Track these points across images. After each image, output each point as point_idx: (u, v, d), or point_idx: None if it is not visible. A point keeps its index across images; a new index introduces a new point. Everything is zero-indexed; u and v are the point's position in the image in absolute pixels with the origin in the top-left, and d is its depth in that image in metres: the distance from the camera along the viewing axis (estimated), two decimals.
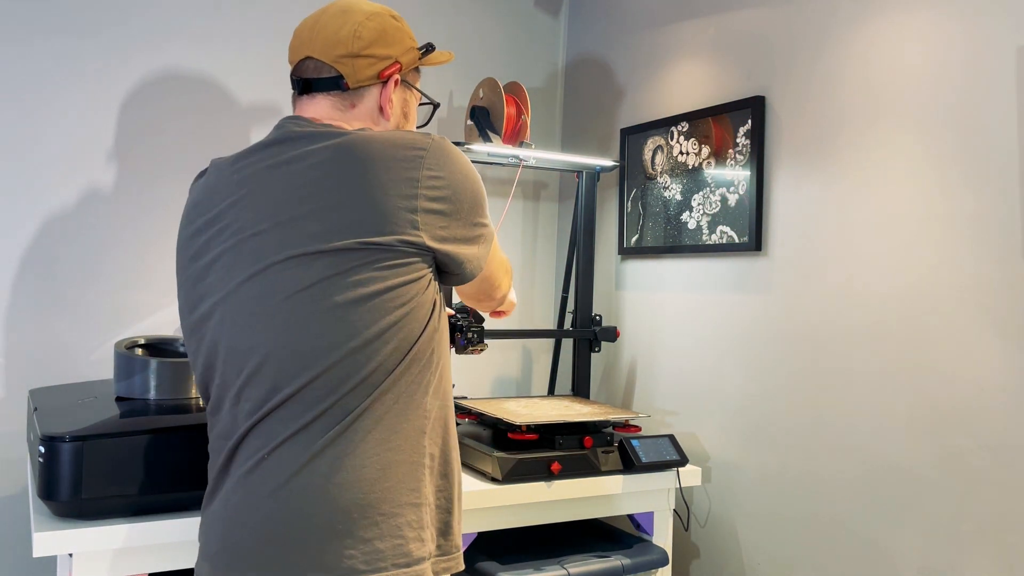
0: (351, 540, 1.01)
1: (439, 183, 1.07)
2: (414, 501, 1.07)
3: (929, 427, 1.57)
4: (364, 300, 1.03)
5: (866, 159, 1.70)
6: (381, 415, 1.04)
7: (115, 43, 1.99)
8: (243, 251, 1.07)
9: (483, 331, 1.74)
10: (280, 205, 1.06)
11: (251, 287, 1.06)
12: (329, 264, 1.03)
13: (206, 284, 1.11)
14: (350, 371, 1.03)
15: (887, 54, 1.66)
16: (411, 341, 1.06)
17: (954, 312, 1.54)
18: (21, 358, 1.91)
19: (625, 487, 1.82)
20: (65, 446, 1.26)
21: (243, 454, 1.06)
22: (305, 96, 1.19)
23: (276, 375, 1.04)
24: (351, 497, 1.02)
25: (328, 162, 1.05)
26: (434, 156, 1.07)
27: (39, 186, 1.92)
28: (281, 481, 1.02)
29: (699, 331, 2.09)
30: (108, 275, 1.99)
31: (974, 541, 1.50)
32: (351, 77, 1.16)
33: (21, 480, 1.91)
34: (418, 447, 1.08)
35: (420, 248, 1.06)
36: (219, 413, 1.10)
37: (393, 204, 1.03)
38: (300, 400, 1.03)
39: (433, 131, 2.45)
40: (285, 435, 1.03)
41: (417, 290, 1.07)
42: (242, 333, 1.06)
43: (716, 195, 2.02)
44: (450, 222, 1.08)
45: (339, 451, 1.02)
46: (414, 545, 1.06)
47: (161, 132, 2.05)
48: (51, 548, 1.26)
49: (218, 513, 1.07)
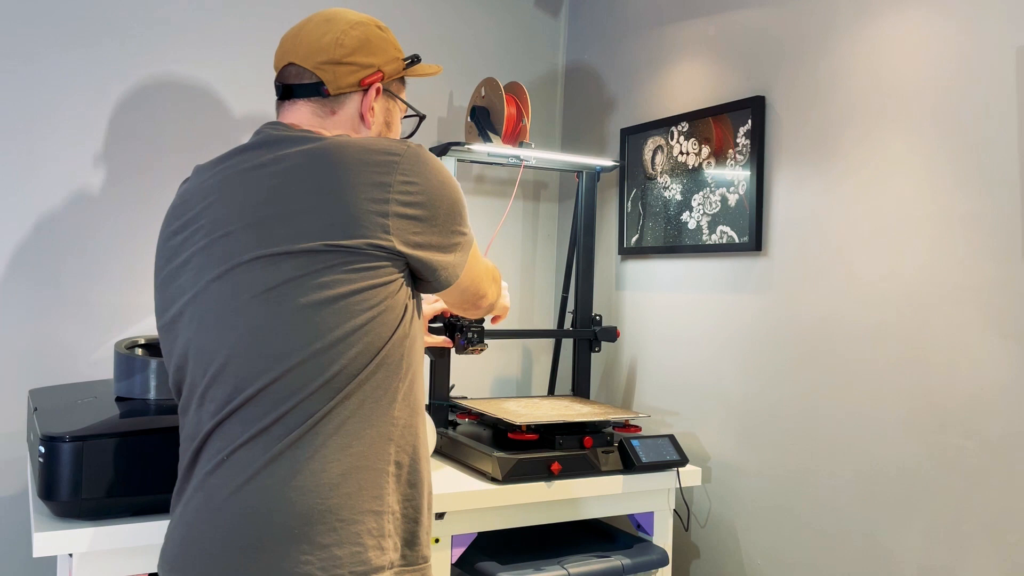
0: (308, 545, 0.99)
1: (413, 189, 1.06)
2: (375, 508, 1.05)
3: (929, 427, 1.57)
4: (330, 302, 1.02)
5: (866, 159, 1.70)
6: (343, 419, 1.03)
7: (116, 50, 1.99)
8: (213, 251, 1.07)
9: (483, 331, 1.74)
10: (251, 207, 1.06)
11: (218, 287, 1.06)
12: (295, 265, 1.02)
13: (178, 285, 1.11)
14: (313, 373, 1.01)
15: (887, 54, 1.66)
16: (378, 345, 1.05)
17: (954, 311, 1.54)
18: (21, 358, 1.91)
19: (625, 487, 1.82)
20: (65, 446, 1.26)
21: (205, 456, 1.05)
22: (287, 102, 1.20)
23: (238, 376, 1.03)
24: (309, 502, 1.00)
25: (301, 166, 1.05)
26: (409, 162, 1.07)
27: (39, 187, 1.92)
28: (239, 483, 1.01)
29: (699, 331, 2.09)
30: (108, 275, 1.99)
31: (974, 541, 1.50)
32: (331, 84, 1.17)
33: (21, 480, 1.91)
34: (383, 454, 1.06)
35: (390, 252, 1.05)
36: (187, 415, 1.09)
37: (364, 208, 1.03)
38: (261, 401, 1.02)
39: (433, 131, 2.45)
40: (245, 437, 1.02)
41: (386, 294, 1.05)
42: (208, 333, 1.06)
43: (716, 195, 2.02)
44: (425, 228, 1.07)
45: (298, 455, 1.01)
46: (373, 553, 1.03)
47: (161, 135, 2.05)
48: (51, 548, 1.26)
49: (180, 516, 1.06)
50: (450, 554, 1.68)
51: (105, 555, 1.32)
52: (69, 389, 1.66)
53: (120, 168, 2.01)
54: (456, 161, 2.10)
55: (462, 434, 1.93)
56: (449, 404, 2.06)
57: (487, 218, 2.54)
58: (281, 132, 1.12)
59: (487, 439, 1.89)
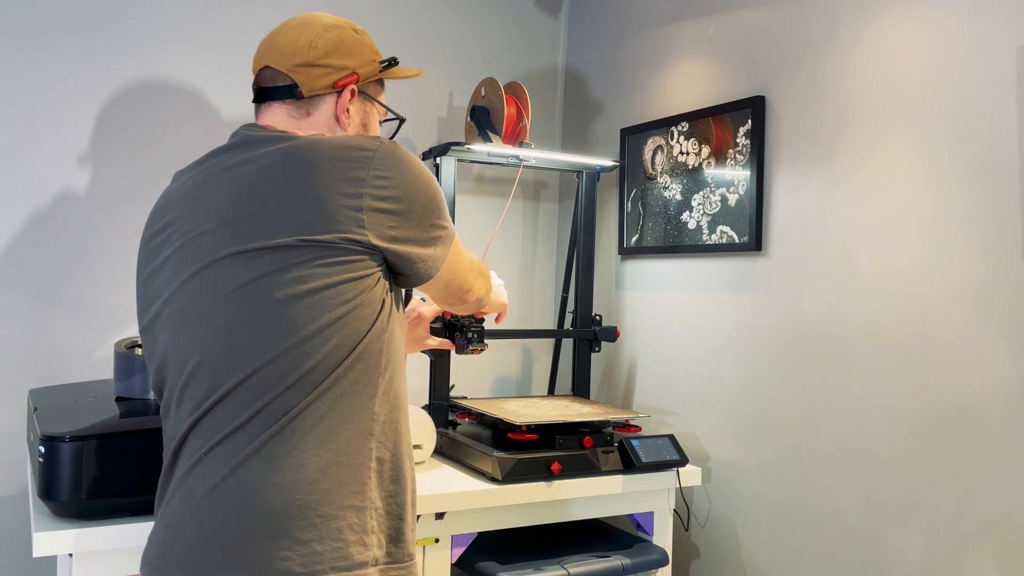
0: (287, 541, 0.98)
1: (387, 183, 1.06)
2: (357, 504, 1.04)
3: (929, 427, 1.57)
4: (304, 296, 1.02)
5: (866, 159, 1.70)
6: (321, 415, 1.02)
7: (113, 50, 1.99)
8: (188, 251, 1.08)
9: (483, 331, 1.74)
10: (226, 206, 1.07)
11: (193, 285, 1.06)
12: (269, 261, 1.02)
13: (155, 287, 1.12)
14: (288, 368, 1.01)
15: (887, 54, 1.66)
16: (355, 340, 1.04)
17: (954, 311, 1.54)
18: (21, 358, 1.91)
19: (625, 487, 1.82)
20: (65, 446, 1.26)
21: (184, 455, 1.05)
22: (263, 104, 1.21)
23: (214, 373, 1.02)
24: (288, 498, 0.99)
25: (275, 163, 1.06)
26: (382, 157, 1.07)
27: (39, 187, 1.92)
28: (216, 481, 1.00)
29: (699, 331, 2.09)
30: (108, 276, 1.99)
31: (974, 541, 1.50)
32: (305, 86, 1.18)
33: (21, 480, 1.91)
34: (363, 449, 1.05)
35: (366, 247, 1.05)
36: (168, 416, 1.09)
37: (337, 203, 1.03)
38: (237, 398, 1.01)
39: (433, 131, 2.45)
40: (222, 434, 1.01)
41: (363, 288, 1.05)
42: (184, 332, 1.06)
43: (716, 195, 2.02)
44: (401, 222, 1.08)
45: (276, 451, 1.00)
46: (355, 549, 1.02)
47: (161, 136, 2.05)
48: (51, 548, 1.26)
49: (161, 516, 1.05)
50: (450, 554, 1.68)
51: (105, 555, 1.32)
52: (69, 389, 1.66)
53: (120, 169, 2.01)
54: (456, 161, 2.10)
55: (462, 434, 1.93)
56: (449, 404, 2.06)
57: (487, 218, 2.54)
58: (256, 133, 1.14)
59: (487, 439, 1.89)
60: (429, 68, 2.43)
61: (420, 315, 1.69)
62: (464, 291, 1.28)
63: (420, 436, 1.83)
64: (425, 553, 1.64)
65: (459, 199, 2.48)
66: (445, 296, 1.27)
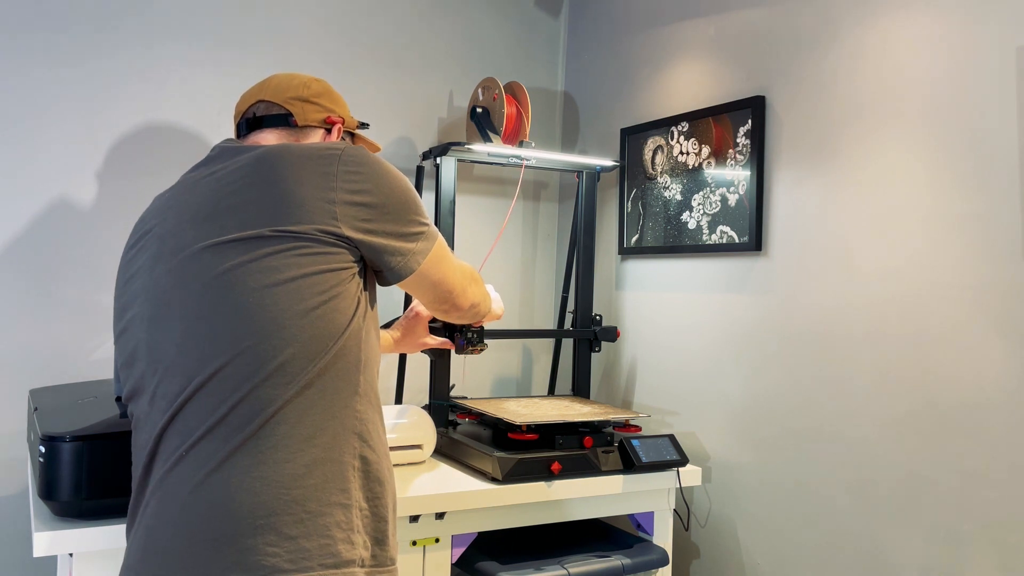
0: (275, 536, 0.97)
1: (357, 178, 1.08)
2: (343, 502, 1.03)
3: (929, 427, 1.57)
4: (279, 284, 1.02)
5: (866, 159, 1.70)
6: (304, 409, 1.01)
7: (112, 57, 1.99)
8: (163, 251, 1.09)
9: (483, 331, 1.74)
10: (201, 205, 1.08)
11: (167, 279, 1.06)
12: (244, 250, 1.03)
13: (131, 291, 1.12)
14: (264, 357, 1.00)
15: (887, 54, 1.66)
16: (333, 333, 1.04)
17: (954, 312, 1.54)
18: (21, 358, 1.91)
19: (625, 487, 1.82)
20: (65, 446, 1.26)
21: (161, 456, 1.02)
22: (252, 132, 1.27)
23: (188, 365, 1.01)
24: (274, 492, 0.98)
25: (247, 165, 1.09)
26: (349, 155, 1.10)
27: (40, 187, 1.92)
28: (200, 478, 0.98)
29: (699, 331, 2.09)
30: (108, 275, 1.99)
31: (974, 541, 1.50)
32: (299, 116, 1.28)
33: (21, 480, 1.91)
34: (348, 447, 1.05)
35: (340, 238, 1.06)
36: (139, 423, 1.07)
37: (311, 195, 1.05)
38: (214, 390, 1.00)
39: (433, 131, 2.45)
40: (202, 430, 0.99)
41: (337, 280, 1.05)
42: (157, 327, 1.05)
43: (716, 195, 2.02)
44: (375, 215, 1.09)
45: (260, 445, 0.99)
46: (343, 546, 1.01)
47: (161, 139, 2.05)
48: (51, 548, 1.26)
49: (139, 522, 1.03)
50: (450, 554, 1.68)
51: (105, 555, 1.32)
52: (69, 389, 1.66)
53: (120, 169, 2.01)
54: (456, 161, 2.10)
55: (462, 434, 1.93)
56: (449, 404, 2.06)
57: (487, 218, 2.54)
58: (232, 145, 1.18)
59: (487, 439, 1.89)
60: (429, 68, 2.44)
61: (418, 314, 1.68)
62: (454, 295, 1.27)
63: (420, 436, 1.83)
64: (425, 553, 1.64)
65: (459, 199, 2.48)
66: (434, 299, 1.26)
